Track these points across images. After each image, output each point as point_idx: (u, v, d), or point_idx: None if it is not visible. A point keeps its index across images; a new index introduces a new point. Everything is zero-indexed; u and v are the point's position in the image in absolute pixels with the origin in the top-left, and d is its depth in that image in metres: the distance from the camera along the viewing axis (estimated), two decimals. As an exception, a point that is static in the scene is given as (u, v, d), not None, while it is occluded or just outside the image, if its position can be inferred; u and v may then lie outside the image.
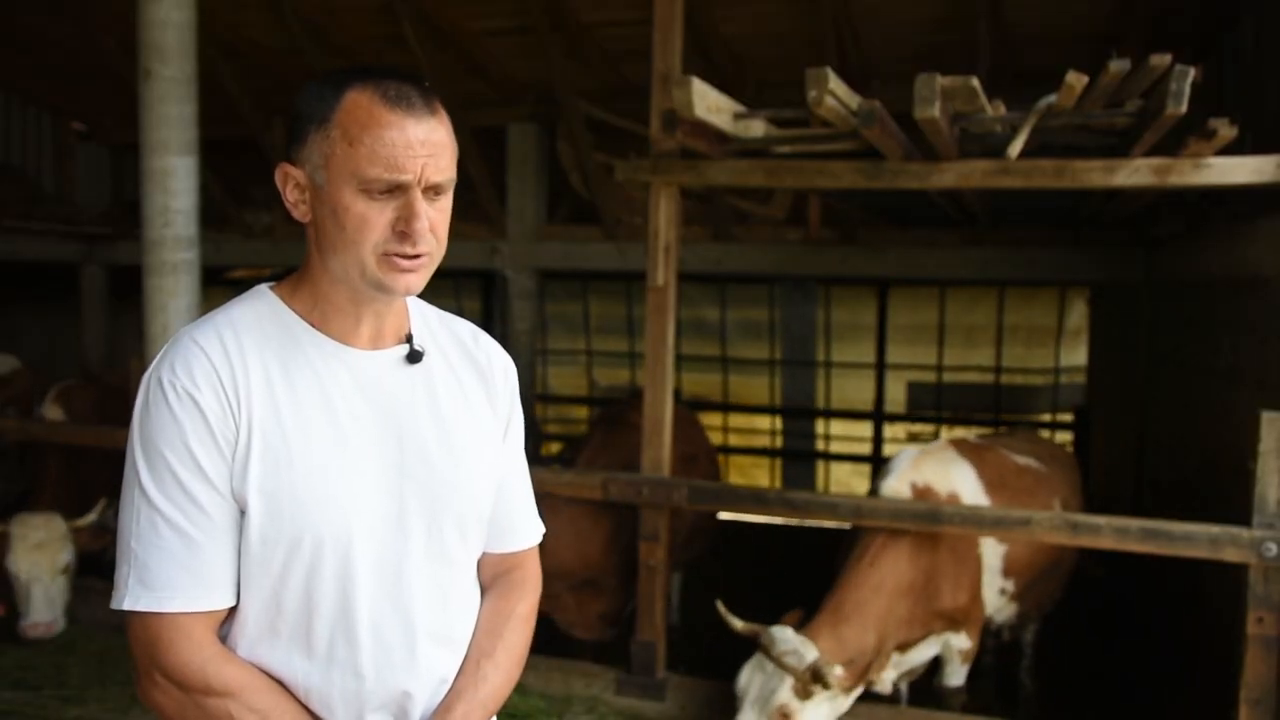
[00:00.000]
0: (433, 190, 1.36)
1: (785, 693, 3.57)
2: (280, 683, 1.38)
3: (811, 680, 3.53)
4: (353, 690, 1.38)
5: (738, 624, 3.81)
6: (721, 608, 3.87)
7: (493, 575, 1.60)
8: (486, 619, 1.55)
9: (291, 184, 1.39)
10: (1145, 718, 4.75)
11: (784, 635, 3.68)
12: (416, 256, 1.35)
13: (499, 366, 1.58)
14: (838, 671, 3.59)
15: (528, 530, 1.64)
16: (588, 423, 9.61)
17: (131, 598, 1.31)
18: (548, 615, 4.60)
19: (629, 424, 5.42)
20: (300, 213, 1.40)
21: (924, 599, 4.04)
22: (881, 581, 3.93)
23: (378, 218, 1.33)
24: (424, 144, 1.33)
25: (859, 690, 3.77)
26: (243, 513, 1.34)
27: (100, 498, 5.57)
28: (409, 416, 1.44)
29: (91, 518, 5.09)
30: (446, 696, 1.47)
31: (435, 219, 1.36)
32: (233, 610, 1.38)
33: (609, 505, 4.57)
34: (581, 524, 4.64)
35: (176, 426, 1.32)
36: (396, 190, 1.33)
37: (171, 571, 1.31)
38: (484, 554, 1.59)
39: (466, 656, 1.50)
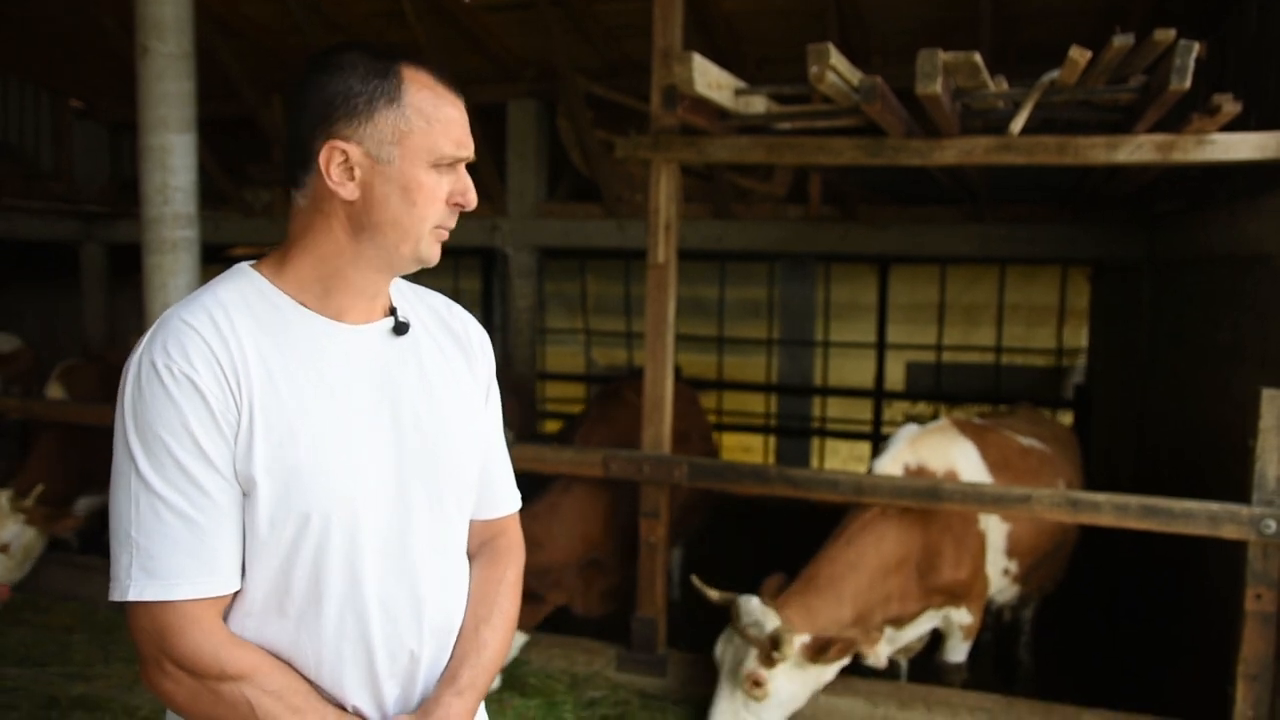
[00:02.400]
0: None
1: (752, 662, 3.66)
2: (289, 661, 1.39)
3: (771, 648, 3.61)
4: (364, 662, 1.40)
5: (713, 594, 3.88)
6: (696, 580, 3.94)
7: (479, 543, 1.63)
8: (479, 586, 1.57)
9: (338, 160, 1.37)
10: (1143, 694, 4.77)
11: (749, 606, 3.76)
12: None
13: (475, 335, 1.61)
14: (803, 640, 3.68)
15: (508, 497, 1.67)
16: (586, 401, 9.61)
17: (137, 588, 1.29)
18: (566, 605, 4.64)
19: (625, 401, 5.44)
20: (347, 191, 1.37)
21: (918, 575, 4.05)
22: (859, 559, 3.95)
23: (442, 192, 1.40)
24: (467, 122, 1.43)
25: (840, 663, 3.79)
26: (245, 494, 1.34)
27: (93, 478, 5.61)
28: (400, 387, 1.45)
29: (27, 503, 5.09)
30: (450, 664, 1.49)
31: None
32: (236, 593, 1.37)
33: (606, 483, 4.58)
34: (584, 505, 4.67)
35: (175, 410, 1.29)
36: (454, 165, 1.41)
37: (178, 558, 1.29)
38: (470, 522, 1.61)
39: (464, 624, 1.53)
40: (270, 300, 1.41)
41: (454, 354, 1.56)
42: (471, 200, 1.42)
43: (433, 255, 1.43)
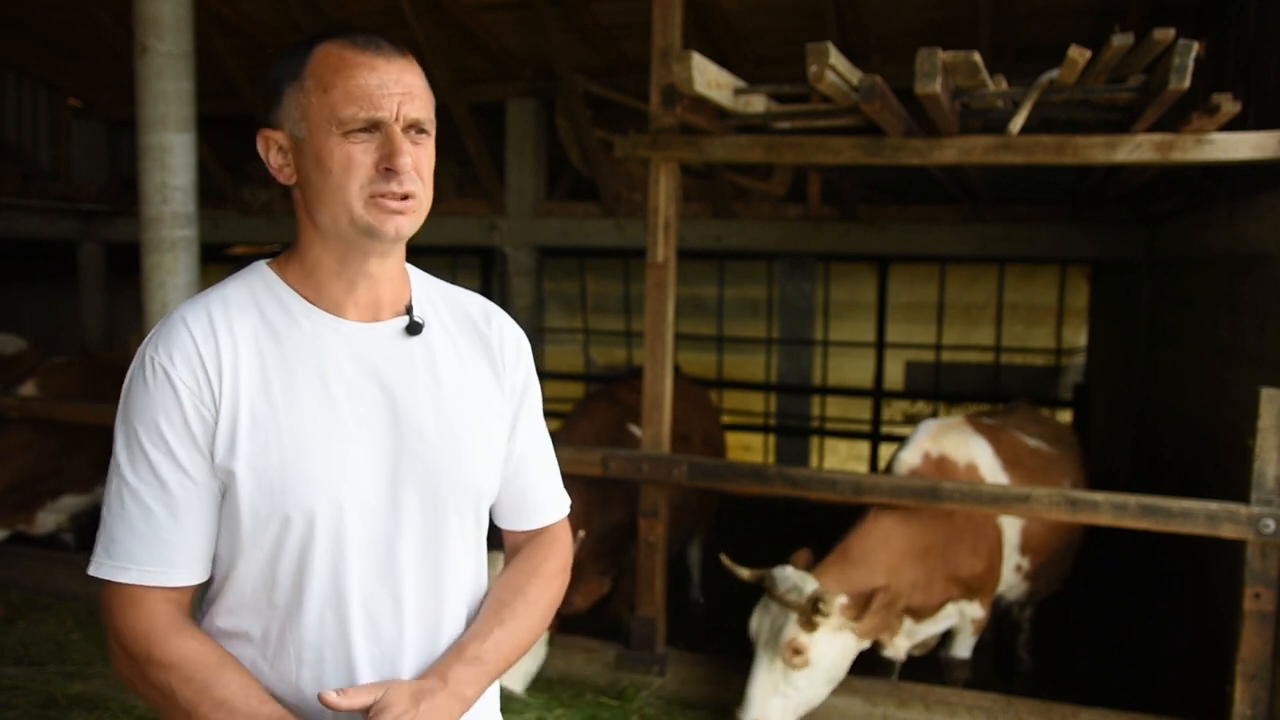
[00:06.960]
0: (413, 128, 1.36)
1: (792, 628, 3.62)
2: (275, 654, 1.38)
3: (812, 611, 3.56)
4: (343, 663, 1.38)
5: (744, 572, 3.84)
6: (725, 559, 3.90)
7: (521, 544, 1.63)
8: (511, 574, 1.56)
9: (274, 148, 1.40)
10: (1142, 693, 4.78)
11: (784, 574, 3.74)
12: (404, 197, 1.34)
13: (510, 342, 1.55)
14: (841, 600, 3.65)
15: (552, 506, 1.64)
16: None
17: (95, 564, 1.35)
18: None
19: (612, 398, 5.42)
20: (285, 175, 1.40)
21: (941, 564, 4.03)
22: (889, 535, 3.93)
23: (362, 158, 1.33)
24: (398, 82, 1.34)
25: (866, 642, 3.79)
26: (226, 489, 1.34)
27: (76, 476, 5.69)
28: (406, 390, 1.42)
29: None
30: (461, 636, 1.46)
31: (419, 159, 1.36)
32: (232, 578, 1.38)
33: (591, 486, 4.52)
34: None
35: (149, 404, 1.33)
36: (375, 129, 1.33)
37: (131, 544, 1.33)
38: (510, 531, 1.61)
39: (485, 604, 1.51)
40: (277, 296, 1.41)
41: (476, 361, 1.51)
42: (399, 165, 1.31)
43: (381, 225, 1.33)
